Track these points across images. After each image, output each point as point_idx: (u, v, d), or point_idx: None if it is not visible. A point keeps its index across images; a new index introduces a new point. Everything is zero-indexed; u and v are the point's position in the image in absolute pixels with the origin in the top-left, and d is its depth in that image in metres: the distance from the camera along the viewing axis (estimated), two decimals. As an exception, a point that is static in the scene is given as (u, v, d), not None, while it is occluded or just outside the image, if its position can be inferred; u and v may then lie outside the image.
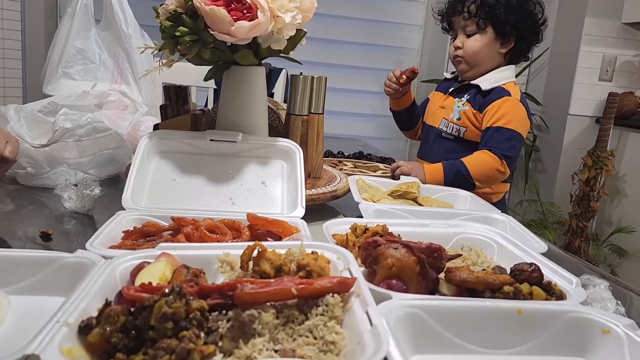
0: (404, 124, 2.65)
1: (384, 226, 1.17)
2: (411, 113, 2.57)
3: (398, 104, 2.53)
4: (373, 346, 0.70)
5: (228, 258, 0.97)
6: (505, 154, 2.07)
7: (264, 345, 0.74)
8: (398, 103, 2.53)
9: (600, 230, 4.21)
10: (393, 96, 2.47)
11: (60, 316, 0.72)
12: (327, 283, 0.82)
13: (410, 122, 2.62)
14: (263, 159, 1.50)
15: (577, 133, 4.27)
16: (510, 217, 1.50)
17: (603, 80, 4.29)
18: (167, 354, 0.68)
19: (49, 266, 0.95)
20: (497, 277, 0.94)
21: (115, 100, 2.03)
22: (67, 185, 1.43)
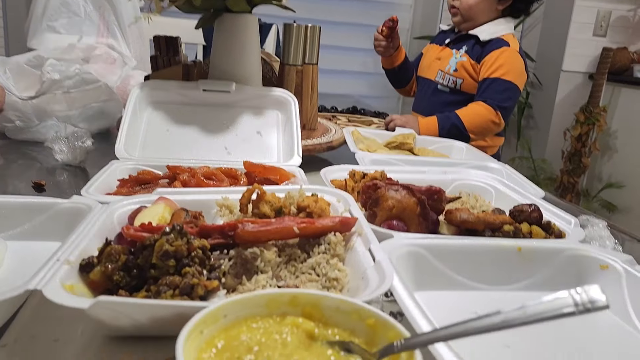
0: (398, 82, 2.62)
1: (382, 172, 1.16)
2: (404, 70, 2.53)
3: (390, 61, 2.49)
4: (377, 280, 0.70)
5: (226, 202, 0.96)
6: (501, 105, 2.06)
7: (267, 281, 0.74)
8: (390, 61, 2.49)
9: (590, 186, 4.25)
10: (384, 54, 2.43)
11: (60, 255, 0.71)
12: (329, 222, 0.82)
13: (404, 79, 2.59)
14: (258, 109, 1.47)
15: (569, 89, 4.25)
16: (506, 165, 1.50)
17: (597, 36, 4.25)
18: (170, 289, 0.67)
19: (45, 212, 0.93)
20: (497, 217, 0.94)
21: (103, 54, 1.97)
22: (57, 137, 1.40)
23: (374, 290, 0.67)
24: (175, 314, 0.62)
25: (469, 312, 0.80)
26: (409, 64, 2.54)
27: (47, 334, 0.70)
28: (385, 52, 2.41)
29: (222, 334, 0.56)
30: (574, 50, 4.21)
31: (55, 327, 0.72)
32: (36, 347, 0.67)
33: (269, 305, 0.60)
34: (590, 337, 0.78)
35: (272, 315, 0.60)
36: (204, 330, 0.54)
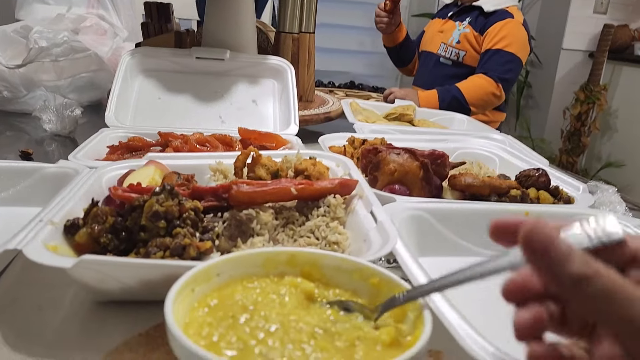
0: (400, 60, 2.57)
1: (383, 139, 1.12)
2: (406, 47, 2.48)
3: (392, 39, 2.44)
4: (380, 241, 0.66)
5: (220, 166, 0.91)
6: (502, 77, 2.02)
7: (263, 244, 0.70)
8: (392, 38, 2.43)
9: (589, 166, 4.22)
10: (386, 30, 2.37)
11: (44, 215, 0.67)
12: (328, 184, 0.78)
13: (406, 57, 2.54)
14: (253, 78, 1.42)
15: (569, 68, 4.20)
16: (509, 136, 1.46)
17: (598, 13, 4.18)
18: (160, 250, 0.63)
19: (29, 176, 0.89)
20: (503, 182, 0.90)
21: (93, 25, 1.91)
22: (46, 106, 1.35)
23: (378, 250, 0.63)
24: (165, 275, 0.58)
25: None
26: (410, 42, 2.49)
27: (31, 300, 0.66)
28: (387, 29, 2.36)
29: (215, 293, 0.52)
30: (574, 28, 4.15)
31: (39, 293, 0.68)
32: (18, 313, 0.64)
33: (266, 264, 0.56)
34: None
35: (269, 275, 0.56)
36: (195, 288, 0.50)
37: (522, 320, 0.41)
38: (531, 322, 0.40)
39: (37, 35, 1.47)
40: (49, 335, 0.60)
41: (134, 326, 0.63)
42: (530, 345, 0.41)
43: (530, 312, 0.41)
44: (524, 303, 0.42)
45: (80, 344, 0.59)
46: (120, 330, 0.62)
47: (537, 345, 0.41)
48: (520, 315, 0.41)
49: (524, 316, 0.41)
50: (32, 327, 0.61)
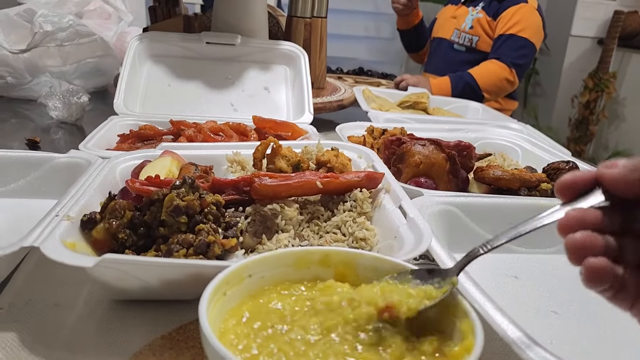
0: (413, 45, 2.52)
1: (402, 129, 1.08)
2: (420, 32, 2.44)
3: (406, 22, 2.39)
4: (413, 239, 0.63)
5: (238, 157, 0.88)
6: (516, 62, 1.98)
7: (289, 241, 0.67)
8: (406, 21, 2.39)
9: (597, 155, 4.18)
10: (402, 12, 2.32)
11: (59, 210, 0.63)
12: (354, 177, 0.74)
13: (418, 42, 2.49)
14: (265, 64, 1.38)
15: (578, 55, 4.13)
16: (527, 125, 1.42)
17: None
18: (183, 248, 0.60)
19: (40, 167, 0.85)
20: (533, 175, 0.86)
21: (97, 9, 1.85)
22: (52, 93, 1.30)
23: (412, 249, 0.60)
24: (190, 275, 0.55)
25: (509, 277, 0.74)
26: (424, 26, 2.45)
27: (47, 297, 0.63)
28: (403, 11, 2.31)
29: (250, 302, 0.49)
30: (584, 14, 4.08)
31: (56, 290, 0.65)
32: (34, 311, 0.60)
33: (298, 264, 0.53)
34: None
35: (302, 280, 0.53)
36: (227, 291, 0.47)
37: (574, 239, 0.41)
38: (583, 240, 0.41)
39: (41, 19, 1.43)
40: (67, 336, 0.57)
41: (156, 327, 0.60)
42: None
43: (584, 234, 0.41)
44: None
45: (101, 347, 0.56)
46: (141, 331, 0.59)
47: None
48: (572, 235, 0.41)
49: (576, 236, 0.41)
50: (49, 328, 0.58)
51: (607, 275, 0.41)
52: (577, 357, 0.58)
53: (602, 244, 0.41)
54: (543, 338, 0.61)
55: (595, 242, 0.41)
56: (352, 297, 0.48)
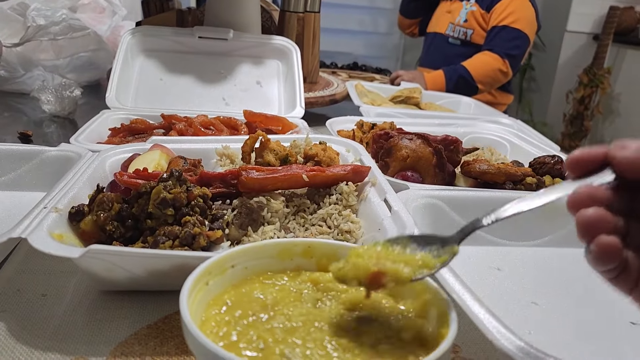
0: (409, 10, 2.49)
1: (392, 123, 1.09)
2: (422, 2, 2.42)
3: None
4: (396, 231, 0.64)
5: (227, 151, 0.89)
6: (509, 53, 1.99)
7: (274, 233, 0.68)
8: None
9: (591, 150, 4.18)
10: None
11: (48, 202, 0.64)
12: (341, 170, 0.75)
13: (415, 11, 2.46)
14: (257, 59, 1.38)
15: (573, 50, 4.14)
16: (518, 120, 1.43)
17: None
18: (169, 239, 0.61)
19: (30, 160, 0.86)
20: (518, 169, 0.88)
21: (91, 2, 1.85)
22: (44, 86, 1.31)
23: (394, 241, 0.61)
24: (175, 266, 0.56)
25: (492, 269, 0.75)
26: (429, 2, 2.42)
27: (35, 288, 0.64)
28: None
29: (232, 290, 0.50)
30: (579, 10, 4.08)
31: (44, 281, 0.66)
32: (22, 301, 0.61)
33: (281, 255, 0.54)
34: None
35: (285, 270, 0.54)
36: (210, 281, 0.48)
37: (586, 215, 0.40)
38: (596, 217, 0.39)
39: (34, 13, 1.43)
40: (54, 325, 0.58)
41: (142, 317, 0.61)
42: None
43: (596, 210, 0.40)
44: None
45: (87, 336, 0.57)
46: (127, 321, 0.60)
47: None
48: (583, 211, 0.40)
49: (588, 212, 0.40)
50: (37, 318, 0.59)
51: (618, 254, 0.40)
52: (554, 347, 0.59)
53: (613, 222, 0.40)
54: (522, 328, 0.62)
55: (608, 219, 0.40)
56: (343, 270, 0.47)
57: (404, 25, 2.57)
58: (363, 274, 0.46)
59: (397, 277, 0.45)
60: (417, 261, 0.46)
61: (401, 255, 0.48)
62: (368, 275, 0.46)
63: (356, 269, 0.46)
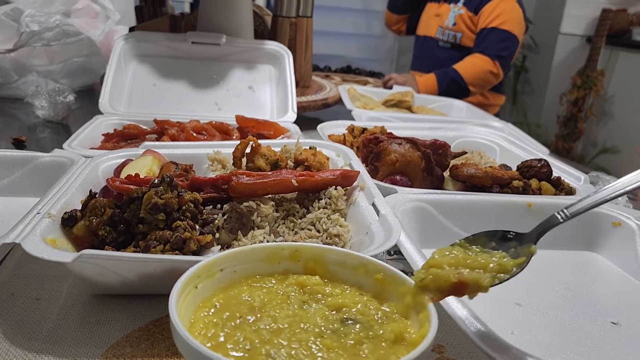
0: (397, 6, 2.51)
1: (382, 127, 1.11)
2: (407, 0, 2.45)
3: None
4: (383, 235, 0.65)
5: (219, 156, 0.90)
6: (499, 54, 2.01)
7: (264, 237, 0.69)
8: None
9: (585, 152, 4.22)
10: None
11: (41, 208, 0.65)
12: (330, 175, 0.76)
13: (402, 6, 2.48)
14: (250, 63, 1.40)
15: (567, 53, 4.18)
16: (509, 124, 1.45)
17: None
18: (160, 244, 0.62)
19: (24, 166, 0.87)
20: (505, 172, 0.89)
21: (85, 7, 1.87)
22: (38, 92, 1.32)
23: (381, 244, 0.62)
24: (166, 270, 0.57)
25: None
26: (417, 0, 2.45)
27: (29, 292, 0.65)
28: None
29: (221, 293, 0.51)
30: (573, 11, 4.12)
31: (38, 285, 0.67)
32: (16, 305, 0.62)
33: (269, 259, 0.55)
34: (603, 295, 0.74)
35: (273, 273, 0.55)
36: (199, 285, 0.49)
37: None
38: None
39: (28, 19, 1.44)
40: (48, 328, 0.59)
41: (134, 320, 0.62)
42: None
43: None
44: None
45: (80, 338, 0.58)
46: (119, 324, 0.61)
47: None
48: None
49: None
50: (31, 321, 0.60)
51: None
52: (536, 347, 0.61)
53: None
54: (505, 329, 0.63)
55: None
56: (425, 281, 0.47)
57: (391, 21, 2.58)
58: (445, 285, 0.47)
59: (478, 287, 0.47)
60: (495, 266, 0.47)
61: (479, 258, 0.48)
62: (449, 286, 0.47)
63: (437, 280, 0.48)
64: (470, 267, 0.48)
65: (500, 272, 0.47)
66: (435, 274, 0.48)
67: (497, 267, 0.47)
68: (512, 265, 0.47)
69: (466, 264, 0.48)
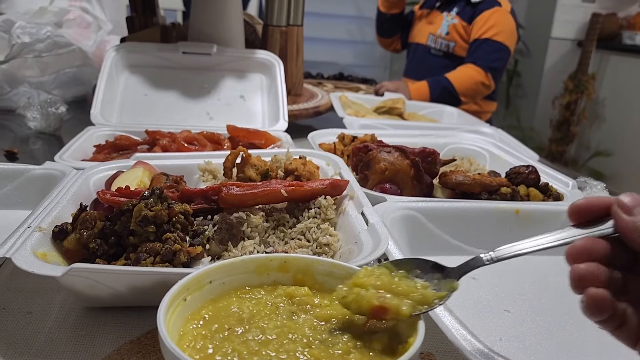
0: (384, 30, 2.56)
1: (373, 135, 1.12)
2: (395, 21, 2.47)
3: (389, 5, 2.42)
4: (371, 244, 0.66)
5: (209, 166, 0.90)
6: (491, 66, 2.03)
7: (254, 247, 0.70)
8: (389, 5, 2.41)
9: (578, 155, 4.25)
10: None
11: (31, 222, 0.66)
12: (319, 185, 0.77)
13: (390, 30, 2.53)
14: (240, 73, 1.41)
15: (558, 57, 4.21)
16: (499, 130, 1.46)
17: (586, 1, 4.18)
18: (150, 256, 0.62)
19: (15, 179, 0.87)
20: (493, 179, 0.90)
21: (76, 18, 1.87)
22: (30, 103, 1.32)
23: (369, 254, 0.63)
24: (156, 282, 0.58)
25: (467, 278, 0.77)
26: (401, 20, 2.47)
27: (20, 306, 0.66)
28: None
29: (210, 305, 0.51)
30: (563, 16, 4.15)
31: (29, 299, 0.67)
32: (7, 319, 0.63)
33: (258, 270, 0.56)
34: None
35: (262, 284, 0.56)
36: (188, 297, 0.50)
37: (578, 270, 0.42)
38: (586, 271, 0.41)
39: (19, 31, 1.44)
40: (39, 343, 0.59)
41: (125, 332, 0.62)
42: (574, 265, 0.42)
43: (588, 265, 0.42)
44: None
45: (72, 352, 0.58)
46: (111, 336, 0.61)
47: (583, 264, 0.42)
48: (576, 265, 0.42)
49: (580, 266, 0.42)
50: (23, 335, 0.60)
51: (606, 306, 0.41)
52: (524, 353, 0.61)
53: (605, 276, 0.42)
54: (494, 335, 0.64)
55: (598, 273, 0.42)
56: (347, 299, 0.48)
57: (384, 44, 2.63)
58: (366, 307, 0.48)
59: (397, 314, 0.47)
60: (417, 294, 0.48)
61: (402, 284, 0.50)
62: (370, 309, 0.48)
63: (359, 300, 0.49)
64: (393, 292, 0.49)
65: (421, 303, 0.48)
66: (357, 294, 0.48)
67: (419, 297, 0.48)
68: (433, 298, 0.48)
69: (390, 289, 0.49)
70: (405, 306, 0.47)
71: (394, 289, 0.49)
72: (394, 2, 2.39)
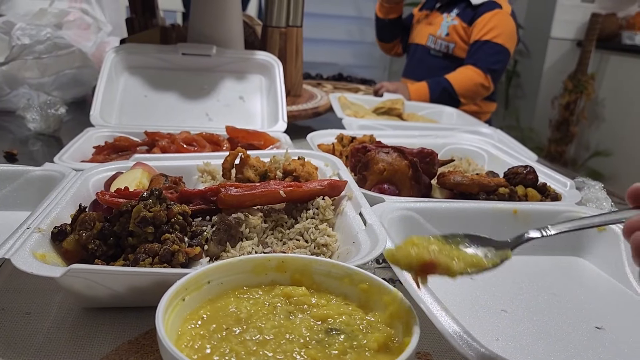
0: (383, 35, 2.56)
1: (372, 136, 1.12)
2: (394, 26, 2.48)
3: (386, 11, 2.42)
4: (369, 244, 0.66)
5: (208, 167, 0.91)
6: (491, 68, 2.04)
7: (252, 248, 0.70)
8: (387, 10, 2.42)
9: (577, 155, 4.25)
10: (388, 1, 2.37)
11: (31, 222, 0.66)
12: (317, 185, 0.77)
13: (389, 34, 2.53)
14: (240, 74, 1.41)
15: (558, 57, 4.21)
16: (498, 130, 1.46)
17: (586, 2, 4.18)
18: (149, 257, 0.63)
19: (15, 180, 0.88)
20: (491, 179, 0.90)
21: (76, 20, 1.87)
22: (30, 105, 1.33)
23: (367, 254, 0.63)
24: (154, 282, 0.58)
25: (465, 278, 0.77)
26: (400, 24, 2.48)
27: (19, 306, 0.66)
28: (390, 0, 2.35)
29: (208, 305, 0.52)
30: (563, 17, 4.16)
31: (28, 299, 0.67)
32: (6, 320, 0.63)
33: (256, 270, 0.56)
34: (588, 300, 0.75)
35: (260, 284, 0.56)
36: (186, 297, 0.50)
37: (637, 237, 0.44)
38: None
39: (19, 32, 1.45)
40: (39, 343, 0.60)
41: (123, 333, 0.62)
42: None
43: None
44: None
45: (70, 352, 0.58)
46: (109, 337, 0.62)
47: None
48: (637, 234, 0.45)
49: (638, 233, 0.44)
50: (22, 336, 0.60)
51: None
52: (521, 353, 0.61)
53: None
54: (490, 335, 0.64)
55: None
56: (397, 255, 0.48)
57: (385, 48, 2.63)
58: (416, 261, 0.48)
59: (447, 270, 0.47)
60: (470, 259, 0.49)
61: (455, 250, 0.50)
62: (420, 263, 0.48)
63: (409, 256, 0.48)
64: (445, 254, 0.49)
65: (473, 266, 0.48)
66: (408, 250, 0.49)
67: (471, 261, 0.48)
68: (485, 264, 0.48)
69: (441, 251, 0.49)
70: (457, 264, 0.47)
71: (445, 252, 0.49)
72: (391, 7, 2.39)
